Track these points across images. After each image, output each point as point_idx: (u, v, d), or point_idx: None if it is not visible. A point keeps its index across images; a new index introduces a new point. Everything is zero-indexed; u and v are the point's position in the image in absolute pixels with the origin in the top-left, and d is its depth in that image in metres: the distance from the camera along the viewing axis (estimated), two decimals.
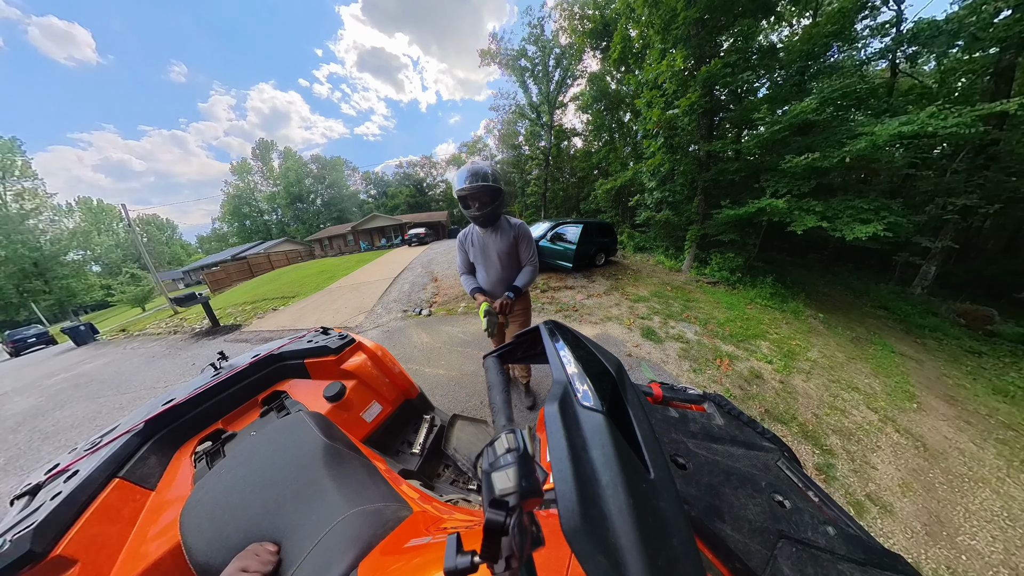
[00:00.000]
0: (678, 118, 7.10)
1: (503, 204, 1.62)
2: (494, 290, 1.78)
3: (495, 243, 1.68)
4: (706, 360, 3.28)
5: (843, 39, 7.01)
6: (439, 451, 1.46)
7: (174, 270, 46.45)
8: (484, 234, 1.70)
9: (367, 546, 0.58)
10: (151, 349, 6.21)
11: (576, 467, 0.27)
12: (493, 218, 1.61)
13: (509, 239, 1.67)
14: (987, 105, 4.81)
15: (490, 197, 1.53)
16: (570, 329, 0.53)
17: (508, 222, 1.69)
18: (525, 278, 1.71)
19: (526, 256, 1.72)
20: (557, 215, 19.85)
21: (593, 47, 14.46)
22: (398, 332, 4.25)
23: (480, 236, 1.72)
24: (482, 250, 1.73)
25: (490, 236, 1.69)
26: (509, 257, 1.71)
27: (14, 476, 2.75)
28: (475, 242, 1.75)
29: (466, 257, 1.83)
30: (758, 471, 0.53)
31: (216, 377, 1.27)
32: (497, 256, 1.69)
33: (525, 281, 1.70)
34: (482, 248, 1.73)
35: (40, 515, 0.74)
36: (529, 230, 1.70)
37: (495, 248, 1.68)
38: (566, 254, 6.17)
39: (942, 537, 1.78)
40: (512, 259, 1.72)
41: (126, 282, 21.84)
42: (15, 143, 31.85)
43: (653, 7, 6.90)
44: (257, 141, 47.43)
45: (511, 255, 1.70)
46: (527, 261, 1.72)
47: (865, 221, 5.06)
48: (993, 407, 3.43)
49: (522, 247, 1.70)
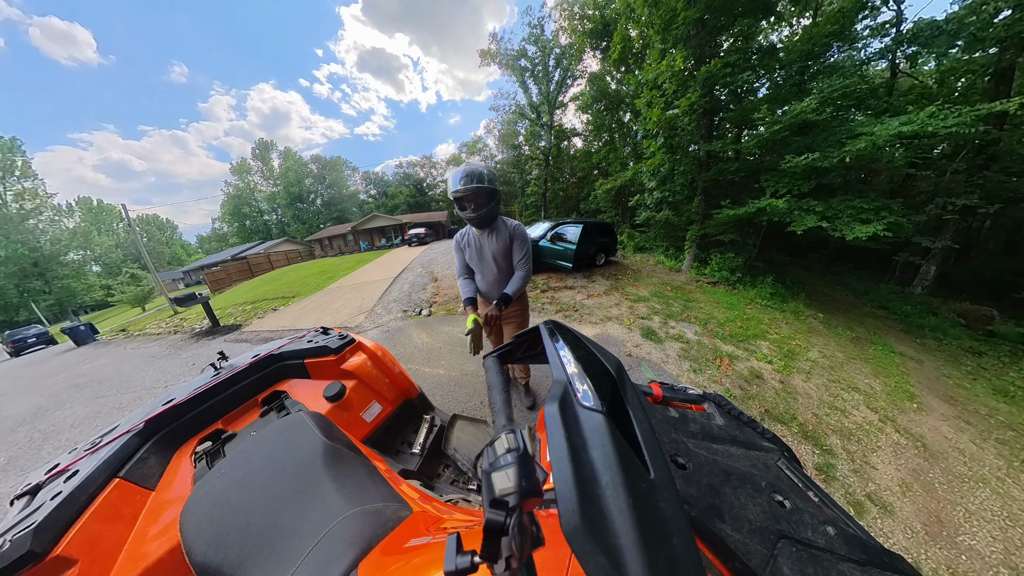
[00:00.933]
0: (678, 118, 7.10)
1: (499, 205, 1.60)
2: (491, 292, 1.77)
3: (491, 245, 1.65)
4: (706, 360, 3.28)
5: (843, 39, 7.02)
6: (439, 451, 1.45)
7: (174, 270, 46.49)
8: (480, 236, 1.68)
9: (367, 546, 0.58)
10: (151, 349, 6.21)
11: (576, 467, 0.27)
12: (489, 219, 1.59)
13: (505, 240, 1.65)
14: (987, 105, 4.80)
15: (485, 199, 1.50)
16: (570, 329, 0.53)
17: (504, 223, 1.67)
18: (515, 285, 1.66)
19: (518, 258, 1.67)
20: (557, 215, 19.86)
21: (593, 47, 14.45)
22: (398, 332, 4.25)
23: (476, 238, 1.69)
24: (478, 252, 1.71)
25: (486, 238, 1.66)
26: (505, 259, 1.69)
27: (14, 476, 2.75)
28: (471, 243, 1.73)
29: (463, 259, 1.80)
30: (758, 471, 0.53)
31: (216, 377, 1.27)
32: (493, 258, 1.68)
33: (515, 288, 1.66)
34: (478, 250, 1.71)
35: (40, 515, 0.74)
36: (525, 232, 1.67)
37: (491, 250, 1.66)
38: (566, 254, 6.17)
39: (942, 537, 1.78)
40: (508, 261, 1.70)
41: (126, 282, 21.85)
42: (15, 143, 31.88)
43: (653, 7, 6.90)
44: (257, 141, 47.41)
45: (507, 257, 1.69)
46: (519, 265, 1.68)
47: (865, 221, 5.06)
48: (993, 407, 3.43)
49: (515, 249, 1.66)
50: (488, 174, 1.47)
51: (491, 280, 1.75)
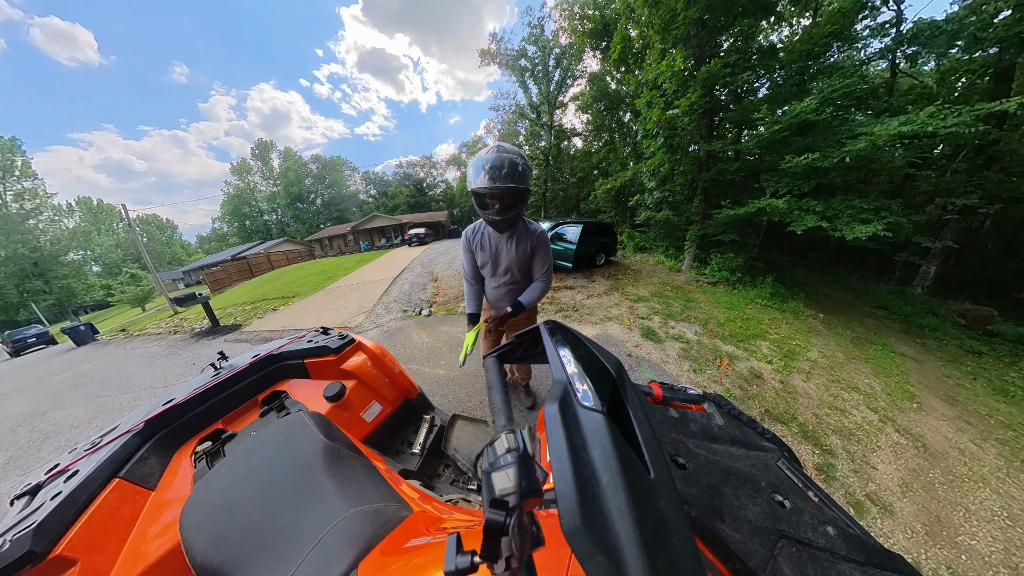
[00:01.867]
0: (678, 118, 7.10)
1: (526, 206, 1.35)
2: (500, 302, 1.59)
3: (509, 251, 1.43)
4: (706, 360, 3.28)
5: (843, 39, 7.02)
6: (439, 451, 1.45)
7: (174, 270, 46.46)
8: (498, 238, 1.43)
9: (367, 546, 0.58)
10: (151, 349, 6.21)
11: (576, 467, 0.27)
12: (514, 223, 1.35)
13: (526, 249, 1.42)
14: (987, 105, 4.80)
15: (515, 199, 1.25)
16: (570, 329, 0.53)
17: (527, 227, 1.43)
18: (533, 294, 1.47)
19: (539, 271, 1.47)
20: (557, 215, 19.88)
21: (593, 47, 14.46)
22: (398, 332, 4.25)
23: (492, 240, 1.45)
24: (493, 257, 1.48)
25: (505, 242, 1.43)
26: (523, 269, 1.48)
27: (14, 476, 2.75)
28: (486, 246, 1.47)
29: (472, 261, 1.54)
30: (758, 471, 0.53)
31: (216, 377, 1.27)
32: (509, 267, 1.47)
33: (532, 298, 1.47)
34: (493, 255, 1.47)
35: (40, 515, 0.74)
36: (548, 240, 1.46)
37: (508, 257, 1.44)
38: (566, 254, 6.18)
39: (942, 537, 1.78)
40: (526, 271, 1.50)
41: (126, 282, 21.82)
42: (15, 143, 31.92)
43: (653, 7, 6.90)
44: (257, 141, 47.43)
45: (526, 266, 1.48)
46: (539, 276, 1.48)
47: (865, 221, 5.06)
48: (993, 407, 3.43)
49: (537, 260, 1.45)
50: (523, 167, 1.19)
51: (503, 290, 1.55)
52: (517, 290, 1.52)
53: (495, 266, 1.50)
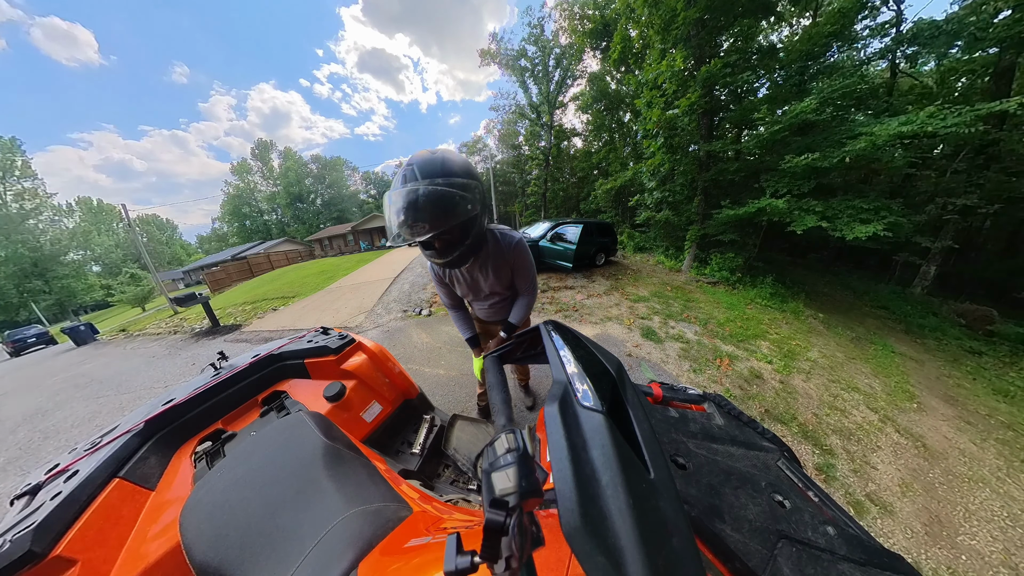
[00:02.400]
0: (678, 118, 7.10)
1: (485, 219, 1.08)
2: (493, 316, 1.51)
3: (487, 277, 1.26)
4: (706, 360, 3.28)
5: (843, 39, 7.02)
6: (439, 451, 1.45)
7: (174, 270, 46.49)
8: (470, 267, 1.24)
9: (367, 546, 0.58)
10: (151, 349, 6.21)
11: (576, 467, 0.27)
12: (474, 251, 1.10)
13: (503, 268, 1.24)
14: (987, 105, 4.80)
15: (454, 235, 0.98)
16: (570, 329, 0.53)
17: (499, 242, 1.19)
18: (521, 312, 1.36)
19: (523, 285, 1.33)
20: (557, 215, 19.86)
21: (593, 47, 14.45)
22: (398, 332, 4.25)
23: (465, 270, 1.28)
24: (472, 287, 1.33)
25: (479, 270, 1.25)
26: (509, 287, 1.34)
27: (14, 476, 2.75)
28: (460, 279, 1.31)
29: (450, 292, 1.40)
30: (758, 471, 0.53)
31: (216, 377, 1.27)
32: (492, 291, 1.33)
33: (521, 316, 1.37)
34: (472, 285, 1.32)
35: (40, 515, 0.74)
36: (527, 249, 1.25)
37: (488, 283, 1.28)
38: (566, 254, 6.18)
39: (942, 537, 1.78)
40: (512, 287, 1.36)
41: (126, 282, 21.86)
42: (15, 143, 31.95)
43: (653, 7, 6.90)
44: (257, 141, 47.50)
45: (510, 284, 1.33)
46: (524, 291, 1.35)
47: (865, 221, 5.06)
48: (993, 407, 3.43)
49: (519, 275, 1.28)
50: (447, 193, 0.89)
51: (493, 309, 1.45)
52: (508, 303, 1.41)
53: (476, 293, 1.36)
